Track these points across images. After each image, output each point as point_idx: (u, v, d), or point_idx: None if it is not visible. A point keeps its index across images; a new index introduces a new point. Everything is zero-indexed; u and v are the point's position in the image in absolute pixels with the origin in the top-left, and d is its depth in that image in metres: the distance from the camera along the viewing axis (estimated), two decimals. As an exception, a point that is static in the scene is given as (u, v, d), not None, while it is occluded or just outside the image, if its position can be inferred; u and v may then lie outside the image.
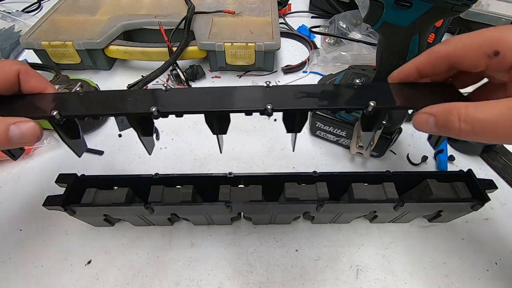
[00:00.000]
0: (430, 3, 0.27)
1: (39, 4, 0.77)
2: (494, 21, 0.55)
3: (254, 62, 0.54)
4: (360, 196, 0.31)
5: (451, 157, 0.43)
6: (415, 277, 0.33)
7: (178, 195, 0.32)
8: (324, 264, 0.34)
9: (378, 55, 0.34)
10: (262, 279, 0.33)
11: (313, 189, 0.32)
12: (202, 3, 0.61)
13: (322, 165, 0.44)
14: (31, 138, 0.24)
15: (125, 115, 0.27)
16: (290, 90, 0.26)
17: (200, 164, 0.44)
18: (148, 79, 0.52)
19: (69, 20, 0.57)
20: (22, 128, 0.23)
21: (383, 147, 0.42)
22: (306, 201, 0.31)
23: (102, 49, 0.54)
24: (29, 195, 0.39)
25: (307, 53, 0.63)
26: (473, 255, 0.35)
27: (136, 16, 0.58)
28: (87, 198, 0.32)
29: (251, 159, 0.44)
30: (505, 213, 0.38)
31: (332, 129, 0.43)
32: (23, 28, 0.66)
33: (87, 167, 0.43)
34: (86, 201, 0.32)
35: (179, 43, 0.52)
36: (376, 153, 0.43)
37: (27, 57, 0.61)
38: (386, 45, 0.32)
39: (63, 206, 0.30)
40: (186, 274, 0.33)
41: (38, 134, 0.24)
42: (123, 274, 0.33)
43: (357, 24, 0.60)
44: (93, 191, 0.32)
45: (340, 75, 0.42)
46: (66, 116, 0.25)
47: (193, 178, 0.34)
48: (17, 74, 0.25)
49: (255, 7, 0.61)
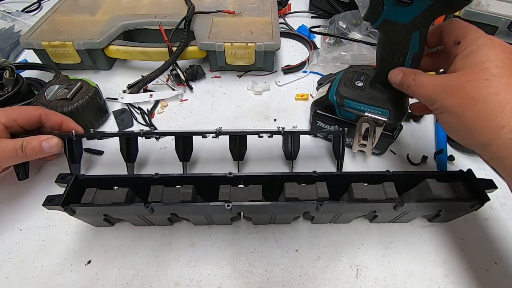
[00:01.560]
0: (430, 0, 0.27)
1: (39, 4, 0.77)
2: (494, 21, 0.55)
3: (254, 62, 0.54)
4: (360, 196, 0.31)
5: (451, 157, 0.43)
6: (415, 277, 0.33)
7: (178, 195, 0.32)
8: (324, 264, 0.34)
9: (378, 53, 0.34)
10: (262, 279, 0.33)
11: (313, 189, 0.32)
12: (202, 3, 0.61)
13: (323, 164, 0.44)
14: (55, 149, 0.36)
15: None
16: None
17: (201, 163, 0.44)
18: (148, 79, 0.52)
19: (69, 20, 0.57)
20: (50, 142, 0.36)
21: (385, 144, 0.42)
22: (306, 201, 0.31)
23: (102, 49, 0.54)
24: (29, 195, 0.39)
25: (307, 53, 0.63)
26: (473, 255, 0.35)
27: (136, 16, 0.58)
28: (87, 198, 0.32)
29: (251, 159, 0.44)
30: (505, 213, 0.38)
31: (333, 128, 0.43)
32: (23, 28, 0.66)
33: (88, 166, 0.43)
34: (86, 201, 0.31)
35: (179, 43, 0.52)
36: (378, 151, 0.44)
37: (27, 57, 0.61)
38: (386, 43, 0.32)
39: (63, 206, 0.30)
40: (186, 274, 0.33)
41: (60, 146, 0.37)
42: (123, 274, 0.33)
43: (357, 24, 0.60)
44: (93, 191, 0.32)
45: (340, 74, 0.42)
46: (77, 136, 0.38)
47: (193, 178, 0.34)
48: (39, 117, 0.37)
49: (255, 7, 0.61)
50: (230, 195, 0.32)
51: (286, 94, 0.54)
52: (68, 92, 0.44)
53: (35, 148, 0.35)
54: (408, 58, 0.32)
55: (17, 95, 0.46)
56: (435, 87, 0.28)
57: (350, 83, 0.39)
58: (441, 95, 0.27)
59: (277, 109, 0.52)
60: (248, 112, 0.51)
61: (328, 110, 0.42)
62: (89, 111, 0.45)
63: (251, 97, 0.54)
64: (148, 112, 0.50)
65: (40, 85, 0.52)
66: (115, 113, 0.50)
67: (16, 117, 0.35)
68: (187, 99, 0.53)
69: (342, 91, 0.38)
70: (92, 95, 0.45)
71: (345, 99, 0.38)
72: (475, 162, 0.43)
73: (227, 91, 0.55)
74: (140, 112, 0.51)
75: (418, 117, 0.49)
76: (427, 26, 0.30)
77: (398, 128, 0.41)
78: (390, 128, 0.39)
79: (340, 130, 0.41)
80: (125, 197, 0.31)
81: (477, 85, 0.25)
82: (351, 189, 0.32)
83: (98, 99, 0.47)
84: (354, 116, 0.39)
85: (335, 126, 0.42)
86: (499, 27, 0.55)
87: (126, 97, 0.51)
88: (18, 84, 0.46)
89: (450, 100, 0.26)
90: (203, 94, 0.54)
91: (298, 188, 0.32)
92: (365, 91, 0.38)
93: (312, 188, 0.32)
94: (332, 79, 0.43)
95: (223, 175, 0.33)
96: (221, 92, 0.55)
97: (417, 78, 0.30)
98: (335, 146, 0.42)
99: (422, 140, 0.46)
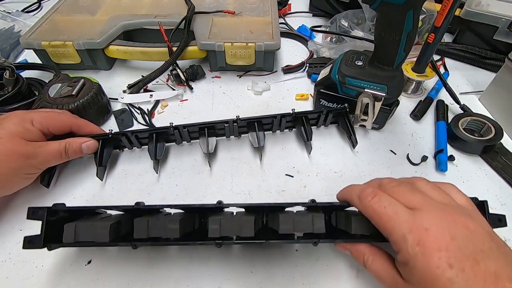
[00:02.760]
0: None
1: (39, 4, 0.77)
2: (494, 21, 0.55)
3: (254, 62, 0.54)
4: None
5: (451, 157, 0.43)
6: (415, 277, 0.33)
7: (166, 228, 0.28)
8: (324, 264, 0.34)
9: (376, 33, 0.38)
10: (262, 279, 0.33)
11: (309, 219, 0.29)
12: (202, 3, 0.61)
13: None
14: (92, 150, 0.40)
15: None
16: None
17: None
18: (148, 79, 0.52)
19: (69, 20, 0.58)
20: (89, 144, 0.40)
21: (383, 118, 0.45)
22: (300, 239, 0.29)
23: (102, 49, 0.54)
24: (29, 195, 0.39)
25: (307, 53, 0.63)
26: (473, 255, 0.35)
27: (136, 16, 0.58)
28: (68, 237, 0.28)
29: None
30: (505, 213, 0.38)
31: (336, 105, 0.46)
32: (23, 28, 0.66)
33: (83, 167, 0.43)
34: (68, 240, 0.28)
35: (179, 43, 0.52)
36: (377, 125, 0.46)
37: (27, 57, 0.61)
38: (383, 23, 0.36)
39: (45, 246, 0.28)
40: (186, 274, 0.33)
41: (97, 147, 0.41)
42: (123, 274, 0.33)
43: (359, 23, 0.60)
44: (72, 227, 0.28)
45: (341, 55, 0.45)
46: (114, 134, 0.41)
47: (179, 208, 0.31)
48: (70, 126, 0.40)
49: (255, 7, 0.61)
50: (220, 231, 0.28)
51: (286, 94, 0.54)
52: (72, 89, 0.44)
53: (76, 150, 0.38)
54: (403, 36, 0.35)
55: (17, 95, 0.46)
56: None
57: (351, 62, 0.43)
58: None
59: (277, 109, 0.52)
60: (248, 112, 0.51)
61: (331, 88, 0.45)
62: (94, 107, 0.46)
63: (251, 97, 0.54)
64: (148, 112, 0.50)
65: (40, 85, 0.52)
66: (116, 113, 0.50)
67: (49, 125, 0.37)
68: (187, 99, 0.53)
69: (343, 69, 0.42)
70: (96, 91, 0.46)
71: (346, 77, 0.42)
72: (475, 162, 0.43)
73: (227, 91, 0.55)
74: (140, 112, 0.51)
75: (418, 117, 0.49)
76: (420, 5, 0.33)
77: (395, 103, 0.44)
78: (388, 103, 0.43)
79: (342, 106, 0.44)
80: (109, 235, 0.28)
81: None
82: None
83: (101, 96, 0.47)
84: (355, 93, 0.42)
85: (338, 105, 0.45)
86: (499, 27, 0.55)
87: (126, 97, 0.51)
88: (18, 84, 0.46)
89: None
90: (203, 94, 0.54)
91: (293, 222, 0.29)
92: (364, 69, 0.42)
93: (308, 218, 0.29)
94: (333, 62, 0.46)
95: (212, 206, 0.30)
96: (221, 92, 0.55)
97: (368, 265, 0.28)
98: (343, 125, 0.45)
99: (422, 140, 0.46)
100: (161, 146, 0.43)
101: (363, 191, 0.27)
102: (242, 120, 0.42)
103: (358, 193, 0.27)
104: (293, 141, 0.47)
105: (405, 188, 0.26)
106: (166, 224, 0.28)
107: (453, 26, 0.61)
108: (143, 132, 0.43)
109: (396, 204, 0.24)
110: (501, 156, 0.43)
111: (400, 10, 0.33)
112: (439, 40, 0.43)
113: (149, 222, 0.29)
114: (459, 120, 0.45)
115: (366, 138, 0.47)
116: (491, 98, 0.51)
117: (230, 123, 0.43)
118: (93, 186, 0.41)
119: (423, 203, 0.24)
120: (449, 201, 0.25)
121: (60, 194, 0.40)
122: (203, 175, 0.42)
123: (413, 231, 0.22)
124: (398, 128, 0.48)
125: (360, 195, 0.27)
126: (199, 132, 0.44)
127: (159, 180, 0.42)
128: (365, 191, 0.27)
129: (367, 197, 0.26)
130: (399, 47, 0.37)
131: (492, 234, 0.23)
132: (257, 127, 0.43)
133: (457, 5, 0.38)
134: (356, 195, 0.27)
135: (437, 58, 0.60)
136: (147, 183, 0.41)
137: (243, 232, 0.28)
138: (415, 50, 0.46)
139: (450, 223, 0.22)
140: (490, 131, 0.44)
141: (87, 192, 0.40)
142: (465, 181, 0.41)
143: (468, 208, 0.25)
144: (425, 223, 0.22)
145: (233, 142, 0.47)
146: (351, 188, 0.30)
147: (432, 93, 0.53)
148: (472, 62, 0.60)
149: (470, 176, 0.42)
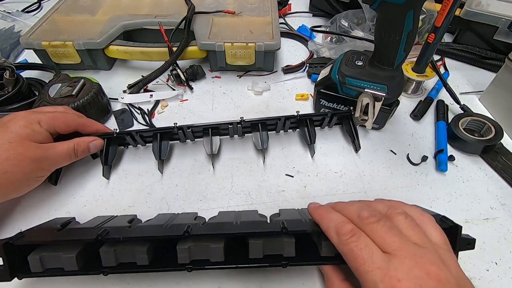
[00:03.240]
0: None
1: (39, 4, 0.77)
2: (494, 21, 0.55)
3: (254, 62, 0.54)
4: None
5: (451, 157, 0.43)
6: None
7: (133, 254, 0.28)
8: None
9: (376, 33, 0.38)
10: (262, 278, 0.33)
11: (281, 243, 0.28)
12: (202, 3, 0.61)
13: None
14: (98, 149, 0.41)
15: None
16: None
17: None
18: (148, 79, 0.52)
19: (69, 20, 0.58)
20: (95, 143, 0.40)
21: (383, 118, 0.45)
22: (271, 264, 0.29)
23: (102, 49, 0.54)
24: (29, 195, 0.39)
25: (307, 53, 0.63)
26: (473, 255, 0.35)
27: (136, 16, 0.58)
28: (35, 266, 0.27)
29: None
30: (505, 213, 0.38)
31: (336, 105, 0.46)
32: (23, 28, 0.66)
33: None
34: (36, 270, 0.27)
35: (179, 43, 0.52)
36: (377, 125, 0.46)
37: (27, 57, 0.61)
38: (383, 23, 0.36)
39: (13, 277, 0.27)
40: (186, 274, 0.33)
41: (103, 145, 0.41)
42: (123, 274, 0.33)
43: (359, 23, 0.60)
44: (37, 259, 0.27)
45: (341, 56, 0.45)
46: (119, 133, 0.42)
47: (146, 235, 0.29)
48: (77, 126, 0.40)
49: (255, 7, 0.61)
50: (189, 257, 0.28)
51: (286, 94, 0.54)
52: (72, 89, 0.44)
53: (84, 149, 0.39)
54: (404, 36, 0.35)
55: (17, 95, 0.46)
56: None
57: (351, 62, 0.43)
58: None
59: (277, 109, 0.52)
60: (248, 112, 0.51)
61: (331, 88, 0.45)
62: (94, 107, 0.46)
63: (251, 97, 0.54)
64: (149, 112, 0.50)
65: (40, 85, 0.52)
66: (116, 113, 0.50)
67: (56, 125, 0.37)
68: (187, 99, 0.53)
69: (343, 70, 0.42)
70: (96, 91, 0.46)
71: (346, 77, 0.42)
72: (475, 162, 0.43)
73: (227, 91, 0.55)
74: (141, 112, 0.51)
75: (418, 117, 0.49)
76: (421, 5, 0.33)
77: (395, 103, 0.43)
78: (388, 103, 0.42)
79: (347, 110, 0.44)
80: (76, 263, 0.27)
81: None
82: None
83: (101, 96, 0.47)
84: (355, 93, 0.42)
85: (338, 105, 0.46)
86: (499, 27, 0.55)
87: (126, 97, 0.51)
88: (18, 84, 0.46)
89: None
90: (203, 94, 0.54)
91: (263, 248, 0.28)
92: (364, 69, 0.41)
93: (280, 242, 0.28)
94: (333, 61, 0.46)
95: (180, 235, 0.28)
96: (221, 92, 0.55)
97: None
98: (347, 128, 0.45)
99: (422, 140, 0.46)
100: (165, 145, 0.43)
101: (343, 227, 0.26)
102: (246, 122, 0.42)
103: (336, 227, 0.26)
104: (294, 142, 0.47)
105: (383, 227, 0.25)
106: (134, 250, 0.28)
107: (453, 26, 0.61)
108: (147, 132, 0.43)
109: (372, 247, 0.24)
110: (501, 156, 0.43)
111: (401, 10, 0.33)
112: (439, 40, 0.43)
113: (115, 251, 0.28)
114: (459, 120, 0.46)
115: (366, 138, 0.47)
116: (491, 98, 0.51)
117: (234, 124, 0.43)
118: (94, 186, 0.41)
119: (398, 247, 0.24)
120: (425, 242, 0.25)
121: (61, 194, 0.40)
122: (203, 175, 0.42)
123: (385, 280, 0.22)
124: (398, 128, 0.48)
125: (338, 231, 0.26)
126: (203, 132, 0.43)
127: (159, 180, 0.42)
128: (344, 227, 0.26)
129: (345, 235, 0.25)
130: (399, 47, 0.37)
131: (461, 282, 0.23)
132: (261, 128, 0.43)
133: (457, 5, 0.38)
134: (334, 229, 0.26)
135: (437, 58, 0.60)
136: (147, 183, 0.41)
137: (212, 258, 0.28)
138: (415, 50, 0.46)
139: (423, 276, 0.22)
140: (490, 131, 0.44)
141: (87, 192, 0.41)
142: (465, 181, 0.42)
143: (443, 247, 0.25)
144: (399, 274, 0.22)
145: (236, 142, 0.47)
146: (329, 216, 0.28)
147: (432, 93, 0.53)
148: (472, 62, 0.60)
149: (470, 176, 0.42)
